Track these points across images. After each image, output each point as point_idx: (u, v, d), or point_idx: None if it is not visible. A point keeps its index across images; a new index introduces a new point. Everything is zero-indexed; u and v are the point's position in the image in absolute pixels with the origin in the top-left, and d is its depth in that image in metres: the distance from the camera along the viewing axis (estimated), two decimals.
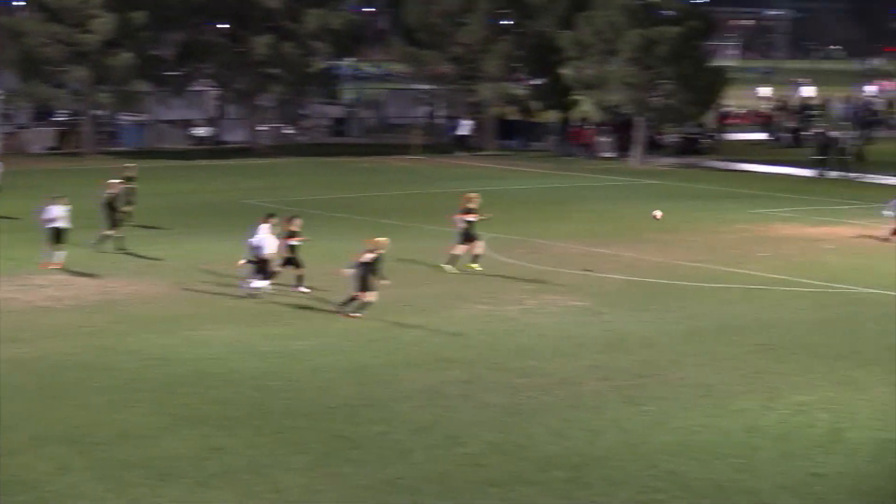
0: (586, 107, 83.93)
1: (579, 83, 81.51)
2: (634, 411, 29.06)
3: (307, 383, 31.08)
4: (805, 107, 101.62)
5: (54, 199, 44.75)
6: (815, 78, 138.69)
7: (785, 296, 41.40)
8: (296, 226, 40.67)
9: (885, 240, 50.31)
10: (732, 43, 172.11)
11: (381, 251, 37.78)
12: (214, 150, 73.05)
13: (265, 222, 39.80)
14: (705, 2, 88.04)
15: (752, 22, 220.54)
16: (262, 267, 39.29)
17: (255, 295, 39.12)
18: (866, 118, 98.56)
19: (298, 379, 31.42)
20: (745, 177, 73.98)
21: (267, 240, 39.41)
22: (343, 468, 25.48)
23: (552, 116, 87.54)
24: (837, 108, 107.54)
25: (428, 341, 35.20)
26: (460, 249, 44.24)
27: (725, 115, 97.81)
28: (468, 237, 44.10)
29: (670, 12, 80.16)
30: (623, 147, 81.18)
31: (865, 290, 42.22)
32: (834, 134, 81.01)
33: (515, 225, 54.22)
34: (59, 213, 44.33)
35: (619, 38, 77.86)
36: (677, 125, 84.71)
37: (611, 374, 31.92)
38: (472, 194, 45.01)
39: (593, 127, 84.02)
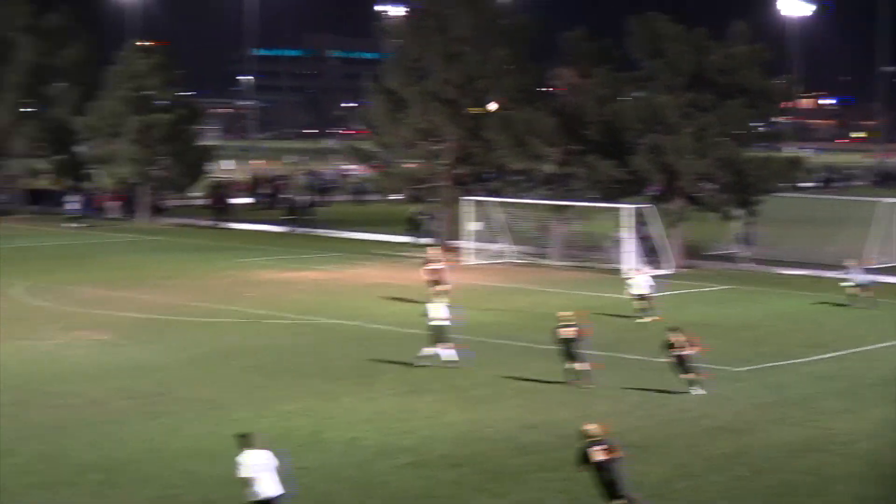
0: (100, 177, 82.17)
1: (93, 159, 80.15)
2: (154, 423, 28.64)
3: None
4: (276, 177, 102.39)
5: None
6: (279, 154, 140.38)
7: (268, 327, 41.57)
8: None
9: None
10: (214, 127, 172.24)
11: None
12: None
13: None
14: (190, 93, 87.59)
15: (229, 110, 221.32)
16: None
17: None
18: (322, 186, 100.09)
19: None
20: (233, 233, 73.95)
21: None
22: None
23: (71, 185, 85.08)
24: (301, 178, 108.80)
25: None
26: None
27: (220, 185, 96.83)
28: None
29: (163, 102, 79.67)
30: (130, 210, 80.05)
31: (331, 320, 42.77)
32: (300, 198, 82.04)
33: (46, 274, 52.94)
34: None
35: (123, 122, 76.98)
36: (176, 192, 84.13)
37: (133, 394, 31.36)
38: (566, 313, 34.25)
39: (106, 194, 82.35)
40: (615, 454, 21.82)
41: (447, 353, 34.73)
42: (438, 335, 34.89)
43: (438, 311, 35.21)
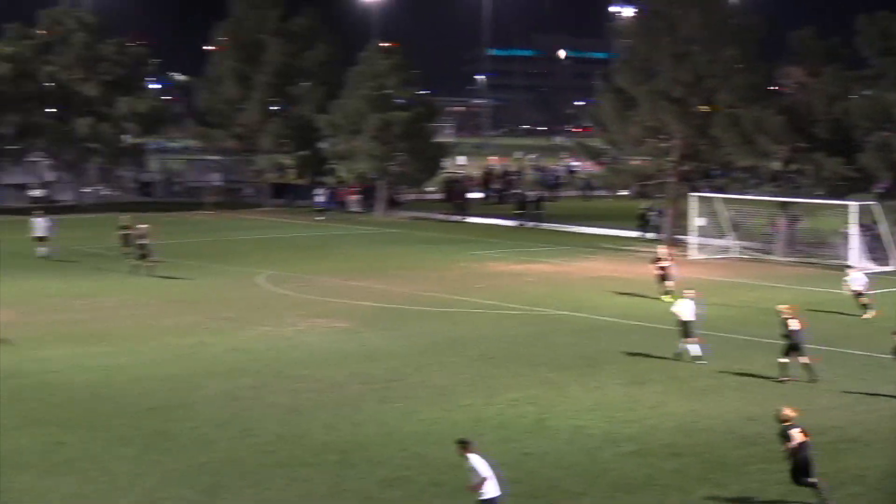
0: (341, 173, 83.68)
1: (334, 155, 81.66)
2: (387, 408, 29.04)
3: (129, 390, 30.47)
4: (507, 172, 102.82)
5: None
6: (510, 151, 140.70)
7: (497, 317, 41.74)
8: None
9: None
10: (449, 124, 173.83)
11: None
12: (48, 207, 71.32)
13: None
14: (427, 92, 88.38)
15: (463, 108, 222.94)
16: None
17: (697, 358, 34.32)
18: (551, 182, 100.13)
19: (122, 387, 30.80)
20: (463, 226, 74.54)
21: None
22: (161, 456, 25.03)
23: (315, 181, 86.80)
24: (531, 174, 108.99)
25: (223, 355, 34.77)
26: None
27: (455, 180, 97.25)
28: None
29: (402, 100, 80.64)
30: (369, 204, 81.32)
31: (558, 312, 42.75)
32: (529, 193, 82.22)
33: (288, 264, 54.08)
34: None
35: (363, 120, 78.19)
36: (412, 187, 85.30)
37: (368, 380, 31.86)
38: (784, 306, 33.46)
39: (346, 188, 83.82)
40: (808, 438, 22.17)
41: (693, 348, 34.42)
42: (686, 330, 34.56)
43: (685, 307, 34.82)
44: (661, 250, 47.70)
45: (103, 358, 34.07)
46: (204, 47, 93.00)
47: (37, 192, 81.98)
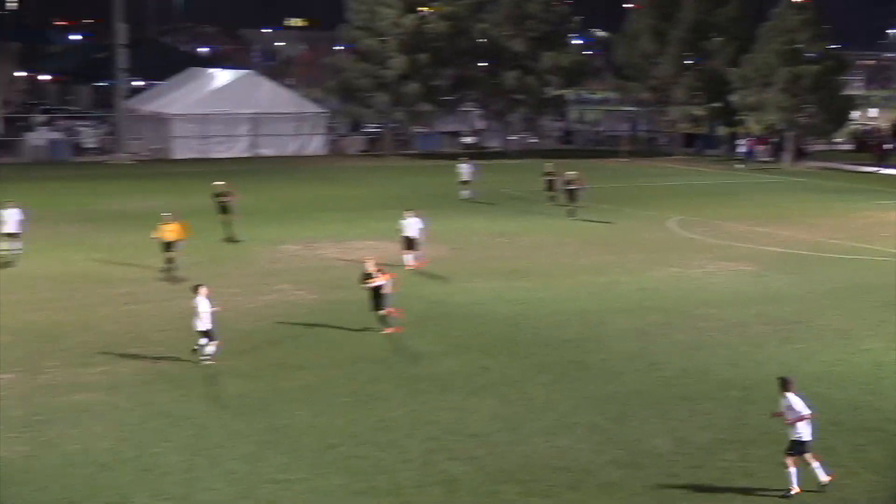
0: (750, 124, 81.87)
1: (744, 107, 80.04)
2: (789, 348, 28.48)
3: (546, 322, 31.06)
4: None
5: (408, 213, 38.65)
6: None
7: None
8: None
9: None
10: (859, 77, 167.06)
11: None
12: (477, 153, 72.90)
13: None
14: (838, 46, 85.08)
15: (873, 62, 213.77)
16: None
17: None
18: None
19: (540, 319, 31.42)
20: (871, 176, 71.72)
21: None
22: (574, 384, 25.44)
23: (722, 131, 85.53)
24: None
25: (634, 293, 34.89)
26: None
27: (865, 132, 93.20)
28: None
29: (812, 54, 78.07)
30: (777, 154, 79.39)
31: None
32: None
33: (696, 209, 53.54)
34: (411, 224, 38.41)
35: (774, 73, 76.28)
36: (819, 138, 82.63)
37: (770, 321, 31.29)
38: None
39: (756, 138, 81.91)
40: None
41: None
42: None
43: None
44: None
45: (523, 292, 34.84)
46: (623, 5, 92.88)
47: (468, 139, 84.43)
